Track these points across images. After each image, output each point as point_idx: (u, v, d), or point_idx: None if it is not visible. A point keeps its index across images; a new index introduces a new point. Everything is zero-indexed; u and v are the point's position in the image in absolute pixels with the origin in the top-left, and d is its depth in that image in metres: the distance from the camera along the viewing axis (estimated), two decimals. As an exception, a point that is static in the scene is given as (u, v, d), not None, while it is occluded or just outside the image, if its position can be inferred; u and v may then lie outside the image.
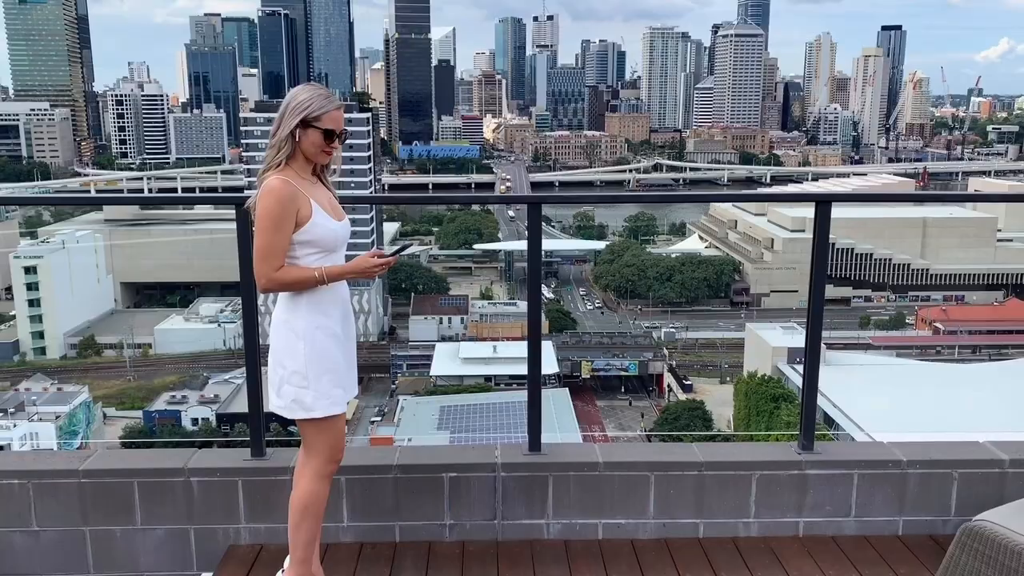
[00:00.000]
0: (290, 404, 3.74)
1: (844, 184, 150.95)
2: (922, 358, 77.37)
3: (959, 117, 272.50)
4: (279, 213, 3.55)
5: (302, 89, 3.69)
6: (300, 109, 3.60)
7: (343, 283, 3.84)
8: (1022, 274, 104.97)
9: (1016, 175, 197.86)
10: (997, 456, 4.69)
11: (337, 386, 3.79)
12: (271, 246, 3.57)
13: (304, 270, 3.66)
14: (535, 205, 4.70)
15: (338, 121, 3.68)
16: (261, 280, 3.61)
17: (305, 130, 3.62)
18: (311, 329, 3.71)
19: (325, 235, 3.69)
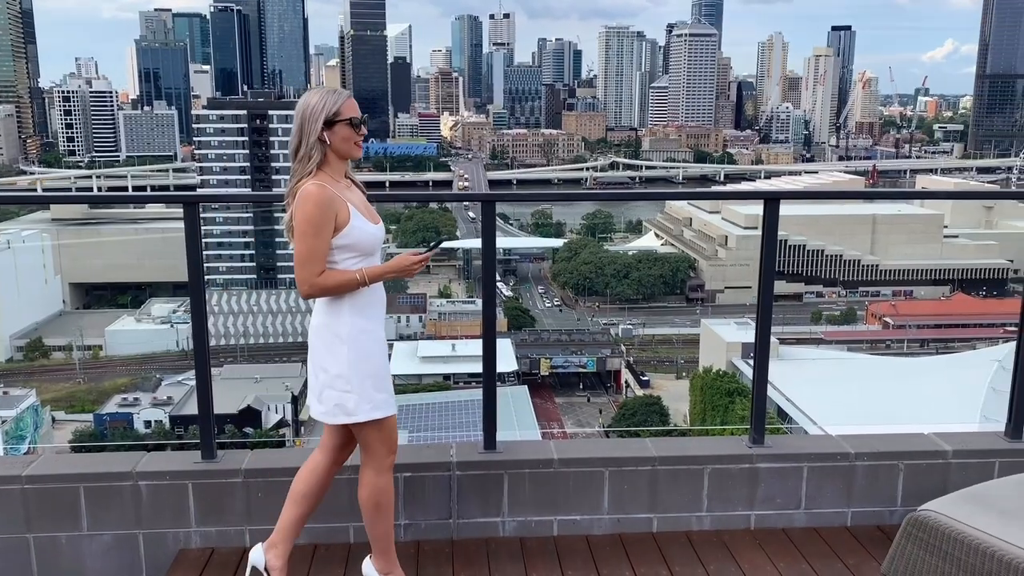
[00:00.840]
0: (332, 409, 3.75)
1: (796, 182, 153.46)
2: (872, 352, 79.12)
3: (907, 116, 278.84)
4: (319, 218, 3.56)
5: (309, 95, 3.71)
6: (319, 111, 3.63)
7: (381, 285, 3.84)
8: (968, 269, 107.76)
9: (961, 172, 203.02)
10: (941, 447, 4.81)
11: (381, 390, 3.79)
12: (313, 251, 3.57)
13: (346, 273, 3.65)
14: (489, 203, 4.70)
15: (355, 109, 3.72)
16: (304, 286, 3.61)
17: (331, 129, 3.64)
18: (355, 333, 3.71)
19: (363, 238, 3.70)
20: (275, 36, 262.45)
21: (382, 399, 3.79)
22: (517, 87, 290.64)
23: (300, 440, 61.97)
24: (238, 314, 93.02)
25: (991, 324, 77.02)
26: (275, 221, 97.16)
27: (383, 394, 3.79)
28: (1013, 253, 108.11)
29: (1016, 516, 3.74)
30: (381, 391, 3.79)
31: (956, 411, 35.27)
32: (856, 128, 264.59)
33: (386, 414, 3.81)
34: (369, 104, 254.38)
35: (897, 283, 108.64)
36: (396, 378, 69.69)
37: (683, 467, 4.66)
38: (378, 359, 3.79)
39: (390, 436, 3.88)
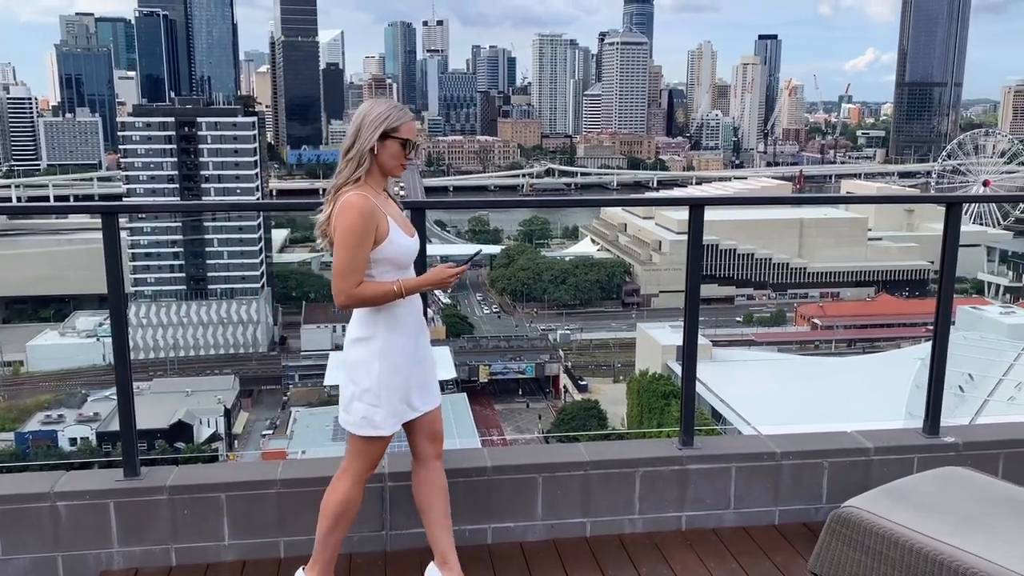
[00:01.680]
0: (359, 421, 3.79)
1: (726, 188, 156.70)
2: (802, 352, 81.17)
3: (831, 123, 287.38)
4: (362, 229, 3.57)
5: (376, 102, 3.74)
6: (379, 122, 3.65)
7: (418, 297, 3.88)
8: (891, 271, 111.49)
9: (883, 177, 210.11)
10: (863, 445, 4.95)
11: (402, 402, 3.83)
12: (353, 262, 3.58)
13: (383, 284, 3.67)
14: (419, 210, 4.67)
15: (413, 131, 3.75)
16: (340, 297, 3.62)
17: (384, 142, 3.66)
18: (387, 348, 3.74)
19: (401, 252, 3.72)
20: (203, 42, 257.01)
21: (401, 410, 3.86)
22: (452, 94, 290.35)
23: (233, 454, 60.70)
24: (167, 326, 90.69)
25: (914, 323, 79.85)
26: (205, 231, 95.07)
27: (402, 406, 3.85)
28: (933, 255, 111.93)
29: (932, 510, 3.87)
30: (402, 403, 3.84)
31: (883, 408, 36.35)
32: (783, 134, 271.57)
33: (397, 426, 3.88)
34: (301, 111, 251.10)
35: (824, 285, 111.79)
36: (332, 389, 69.18)
37: (615, 471, 4.70)
38: (406, 374, 3.82)
39: (381, 451, 3.94)
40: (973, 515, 3.82)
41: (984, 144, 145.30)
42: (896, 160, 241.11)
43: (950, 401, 42.25)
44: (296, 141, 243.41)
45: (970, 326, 60.11)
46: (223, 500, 4.40)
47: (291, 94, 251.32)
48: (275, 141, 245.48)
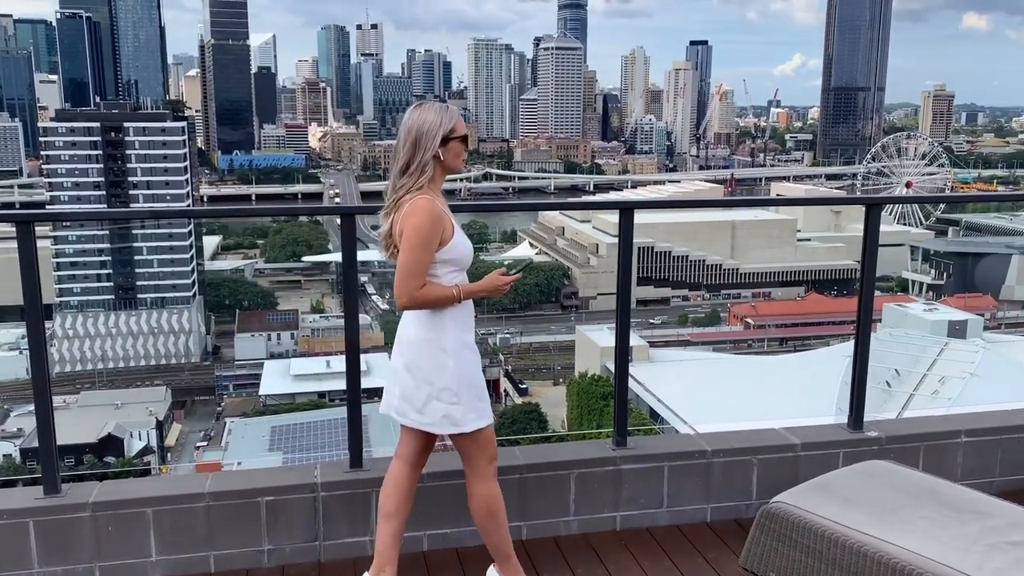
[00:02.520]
0: (440, 420, 3.86)
1: (660, 191, 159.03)
2: (736, 352, 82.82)
3: (761, 127, 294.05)
4: (430, 233, 3.69)
5: (425, 111, 3.85)
6: (436, 128, 3.78)
7: (471, 300, 3.99)
8: (820, 270, 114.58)
9: (811, 180, 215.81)
10: (790, 441, 5.07)
11: (481, 399, 3.94)
12: (419, 264, 3.70)
13: (443, 288, 3.80)
14: (348, 216, 4.63)
15: (464, 126, 3.92)
16: (403, 298, 3.73)
17: (445, 145, 3.80)
18: (458, 346, 3.85)
19: (464, 253, 3.89)
20: (129, 45, 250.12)
21: (484, 407, 3.95)
22: (387, 98, 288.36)
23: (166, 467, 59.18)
24: (95, 337, 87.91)
25: (843, 321, 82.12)
26: (133, 239, 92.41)
27: (483, 403, 3.94)
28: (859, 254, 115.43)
29: (856, 503, 3.98)
30: (482, 400, 3.94)
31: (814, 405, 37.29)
32: (715, 138, 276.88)
33: (488, 422, 3.96)
34: (233, 115, 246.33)
35: (756, 285, 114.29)
36: (268, 398, 68.05)
37: (549, 473, 4.72)
38: (477, 370, 3.94)
39: (489, 444, 4.00)
40: (895, 506, 3.94)
41: (906, 147, 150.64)
42: (823, 163, 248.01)
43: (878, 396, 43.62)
44: (227, 146, 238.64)
45: (896, 323, 62.17)
46: (149, 515, 4.28)
47: (222, 98, 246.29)
48: (206, 146, 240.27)
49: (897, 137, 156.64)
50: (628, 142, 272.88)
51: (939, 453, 5.24)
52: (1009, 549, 3.58)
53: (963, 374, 45.91)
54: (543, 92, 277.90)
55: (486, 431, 3.96)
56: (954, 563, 3.47)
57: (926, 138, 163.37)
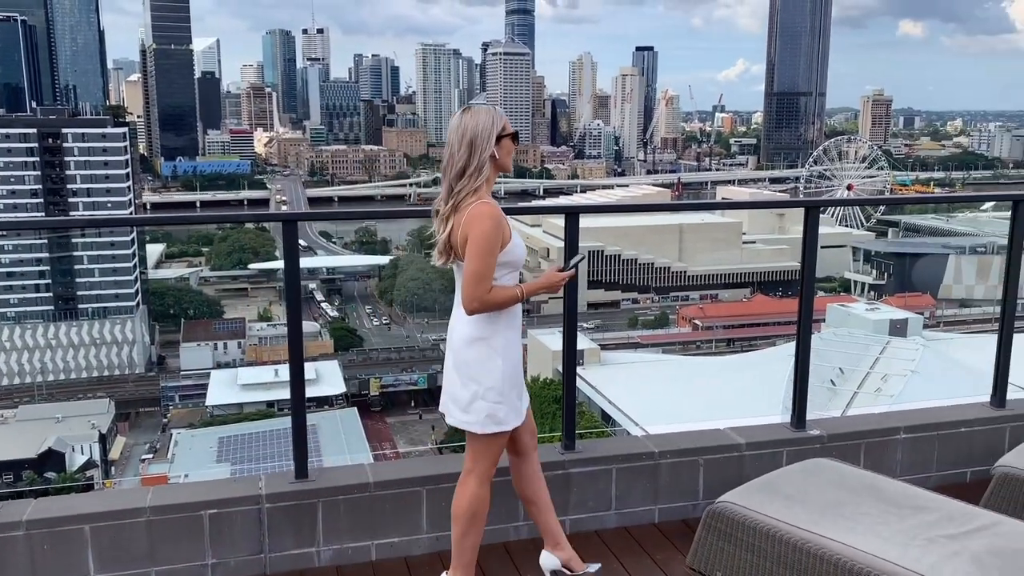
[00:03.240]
0: (483, 420, 3.86)
1: (609, 195, 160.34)
2: (685, 353, 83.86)
3: (706, 131, 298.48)
4: (495, 236, 3.74)
5: (476, 113, 3.86)
6: (490, 129, 3.80)
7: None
8: (765, 272, 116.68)
9: (756, 183, 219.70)
10: (735, 441, 5.14)
11: (520, 397, 3.99)
12: (488, 269, 3.73)
13: (508, 290, 3.84)
14: (290, 223, 4.56)
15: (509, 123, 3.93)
16: (474, 303, 3.74)
17: (499, 144, 3.83)
18: (507, 346, 3.90)
19: (520, 254, 3.93)
20: (67, 49, 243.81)
21: (521, 406, 4.02)
22: (334, 103, 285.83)
23: (110, 481, 57.71)
24: (34, 349, 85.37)
25: (788, 322, 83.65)
26: (73, 247, 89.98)
27: (521, 400, 4.00)
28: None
29: (799, 500, 4.05)
30: (520, 398, 4.00)
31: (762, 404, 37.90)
32: (661, 143, 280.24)
33: (521, 420, 4.01)
34: (176, 121, 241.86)
35: (703, 287, 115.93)
36: (215, 408, 66.86)
37: (499, 479, 4.69)
38: (520, 369, 4.00)
39: (501, 449, 4.05)
40: (837, 503, 4.02)
41: (847, 150, 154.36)
42: (767, 166, 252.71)
43: (823, 395, 44.48)
44: (171, 152, 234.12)
45: (839, 323, 63.58)
46: (87, 532, 4.16)
47: (164, 103, 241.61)
48: (148, 153, 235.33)
49: (838, 141, 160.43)
50: (577, 147, 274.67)
51: (879, 450, 5.36)
52: (946, 543, 3.68)
53: (904, 371, 47.08)
54: (492, 97, 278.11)
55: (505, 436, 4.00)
56: (894, 558, 3.55)
57: (866, 142, 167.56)
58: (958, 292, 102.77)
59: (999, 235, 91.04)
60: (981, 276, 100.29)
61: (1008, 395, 5.78)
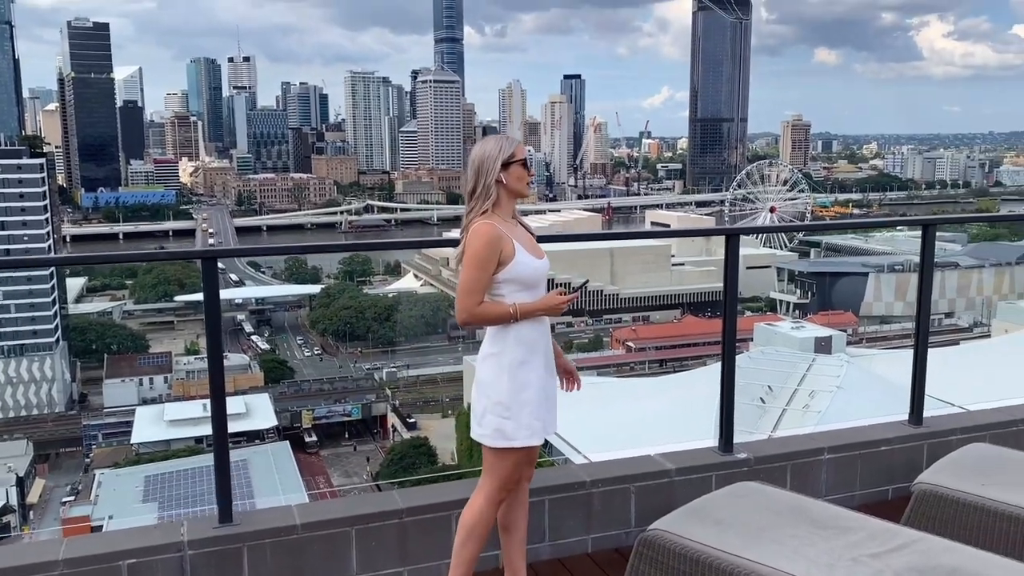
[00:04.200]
0: (492, 433, 4.03)
1: (542, 220, 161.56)
2: (620, 375, 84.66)
3: (633, 157, 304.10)
4: (485, 253, 3.94)
5: (486, 141, 4.11)
6: (496, 155, 4.02)
7: (545, 321, 4.14)
8: (693, 293, 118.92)
9: (683, 207, 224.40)
10: (665, 467, 5.18)
11: (537, 418, 4.06)
12: (476, 283, 3.96)
13: (500, 306, 4.00)
14: (209, 260, 4.45)
15: (524, 153, 4.12)
16: (463, 314, 4.00)
17: (507, 170, 4.02)
18: (516, 363, 4.02)
19: (526, 272, 4.04)
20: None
21: (539, 427, 4.08)
22: (262, 131, 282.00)
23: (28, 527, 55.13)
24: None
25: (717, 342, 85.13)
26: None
27: (539, 422, 4.07)
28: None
29: (728, 525, 4.09)
30: (538, 419, 4.06)
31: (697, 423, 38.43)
32: (591, 169, 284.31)
33: (538, 441, 4.11)
34: (97, 151, 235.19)
35: (635, 309, 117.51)
36: (140, 446, 64.60)
37: (431, 515, 4.64)
38: (535, 389, 4.06)
39: (514, 471, 4.14)
40: (764, 527, 4.07)
41: (769, 174, 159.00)
42: (693, 190, 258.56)
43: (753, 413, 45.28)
44: (92, 183, 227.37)
45: (766, 341, 65.05)
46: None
47: (84, 133, 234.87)
48: (68, 184, 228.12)
49: (760, 165, 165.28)
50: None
51: (805, 471, 5.47)
52: (869, 561, 3.76)
53: (830, 388, 48.30)
54: (423, 124, 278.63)
55: (517, 454, 4.09)
56: (820, 580, 3.61)
57: (787, 165, 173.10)
58: (878, 309, 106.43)
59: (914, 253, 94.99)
60: (899, 293, 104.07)
61: (926, 411, 5.97)
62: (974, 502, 4.49)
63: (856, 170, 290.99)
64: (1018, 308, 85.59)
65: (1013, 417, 6.15)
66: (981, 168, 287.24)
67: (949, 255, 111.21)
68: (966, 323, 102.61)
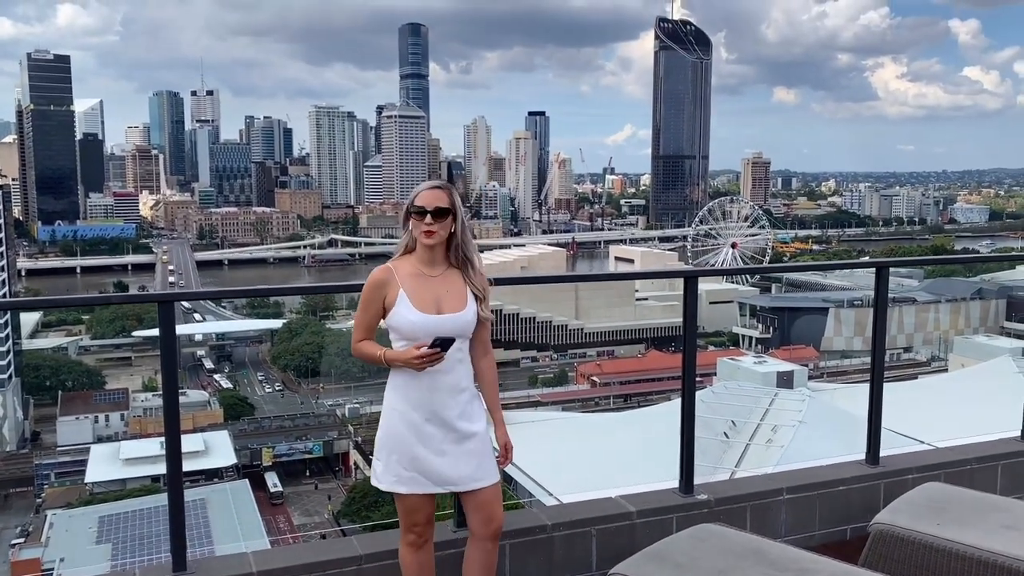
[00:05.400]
0: (373, 468, 4.16)
1: (507, 255, 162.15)
2: (584, 410, 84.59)
3: (597, 193, 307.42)
4: (365, 295, 4.05)
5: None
6: (407, 206, 4.10)
7: (439, 379, 4.01)
8: (657, 328, 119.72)
9: (646, 242, 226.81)
10: (626, 509, 5.17)
11: (408, 469, 4.04)
12: (357, 320, 4.11)
13: (374, 348, 4.06)
14: (166, 303, 4.39)
15: (427, 199, 4.03)
16: (352, 347, 4.13)
17: (410, 218, 4.06)
18: (389, 409, 4.11)
19: (402, 324, 4.00)
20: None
21: (408, 476, 4.04)
22: (225, 164, 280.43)
23: None
24: None
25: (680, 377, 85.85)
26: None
27: (411, 472, 4.03)
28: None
29: (688, 569, 4.09)
30: (409, 470, 4.04)
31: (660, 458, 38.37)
32: (556, 204, 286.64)
33: (408, 491, 4.07)
34: (55, 184, 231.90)
35: (600, 344, 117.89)
36: (95, 486, 62.91)
37: (389, 562, 4.57)
38: (407, 439, 4.03)
39: (407, 516, 4.15)
40: (724, 570, 4.07)
41: (730, 210, 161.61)
42: (656, 226, 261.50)
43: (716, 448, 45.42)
44: (49, 216, 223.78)
45: (729, 375, 65.55)
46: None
47: (43, 166, 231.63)
48: (24, 217, 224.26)
49: (722, 201, 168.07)
50: (473, 208, 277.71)
51: (764, 512, 5.49)
52: (827, 605, 3.77)
53: (793, 422, 48.66)
54: (388, 159, 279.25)
55: (404, 500, 4.11)
56: (778, 624, 3.61)
57: (748, 202, 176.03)
58: (838, 344, 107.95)
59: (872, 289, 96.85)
60: (859, 328, 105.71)
61: (886, 445, 6.05)
62: (930, 542, 4.53)
63: (815, 207, 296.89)
64: (974, 343, 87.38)
65: (966, 456, 6.26)
66: (936, 205, 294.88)
67: (906, 290, 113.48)
68: (924, 357, 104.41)
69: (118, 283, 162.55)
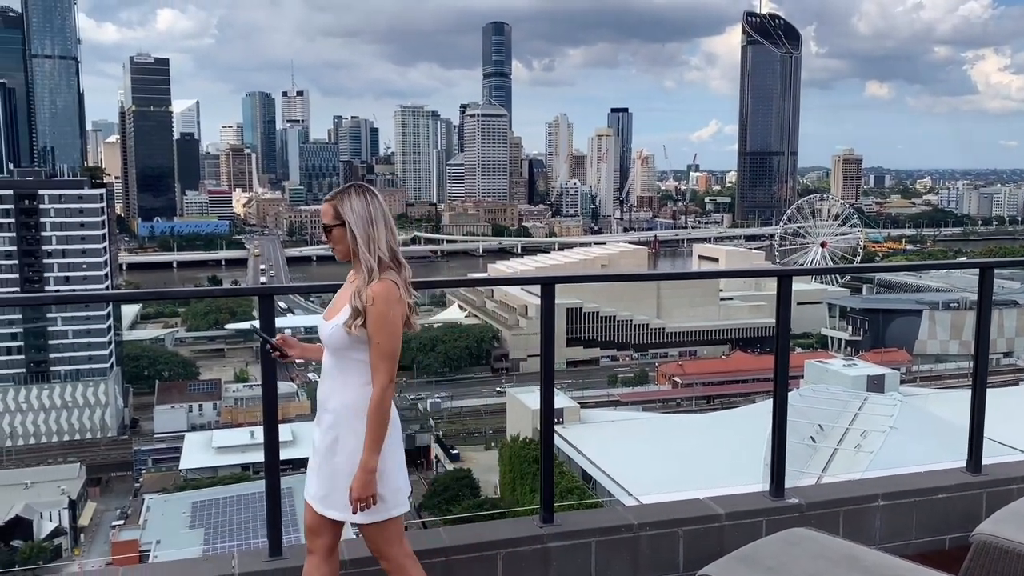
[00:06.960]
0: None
1: (587, 252, 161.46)
2: (665, 411, 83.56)
3: (681, 190, 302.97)
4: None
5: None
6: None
7: (324, 384, 4.02)
8: (742, 328, 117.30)
9: (731, 241, 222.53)
10: (715, 511, 5.10)
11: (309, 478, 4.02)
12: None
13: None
14: (266, 297, 4.55)
15: (322, 213, 4.01)
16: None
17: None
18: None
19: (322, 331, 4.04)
20: (46, 111, 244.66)
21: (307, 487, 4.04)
22: (313, 163, 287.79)
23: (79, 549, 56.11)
24: (3, 413, 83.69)
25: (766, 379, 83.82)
26: (47, 309, 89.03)
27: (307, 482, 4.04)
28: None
29: (779, 572, 4.01)
30: (307, 480, 4.04)
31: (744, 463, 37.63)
32: (637, 202, 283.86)
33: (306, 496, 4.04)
34: (154, 182, 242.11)
35: (682, 344, 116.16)
36: (189, 472, 65.50)
37: (476, 554, 4.62)
38: (314, 449, 4.02)
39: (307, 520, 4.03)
40: (816, 575, 3.98)
41: (820, 208, 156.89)
42: (742, 224, 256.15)
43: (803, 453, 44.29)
44: (148, 213, 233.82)
45: (817, 379, 63.73)
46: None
47: (143, 164, 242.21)
48: (126, 213, 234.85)
49: (811, 199, 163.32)
50: (554, 205, 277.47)
51: (858, 518, 5.33)
52: (926, 615, 3.64)
53: (883, 427, 47.10)
54: (470, 157, 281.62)
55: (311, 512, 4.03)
56: (874, 634, 3.51)
57: (838, 200, 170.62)
58: (933, 347, 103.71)
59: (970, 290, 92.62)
60: (955, 331, 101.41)
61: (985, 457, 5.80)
62: (1038, 556, 4.33)
63: (909, 205, 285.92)
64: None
65: (1078, 466, 5.94)
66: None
67: (1007, 292, 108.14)
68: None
69: (212, 277, 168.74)
